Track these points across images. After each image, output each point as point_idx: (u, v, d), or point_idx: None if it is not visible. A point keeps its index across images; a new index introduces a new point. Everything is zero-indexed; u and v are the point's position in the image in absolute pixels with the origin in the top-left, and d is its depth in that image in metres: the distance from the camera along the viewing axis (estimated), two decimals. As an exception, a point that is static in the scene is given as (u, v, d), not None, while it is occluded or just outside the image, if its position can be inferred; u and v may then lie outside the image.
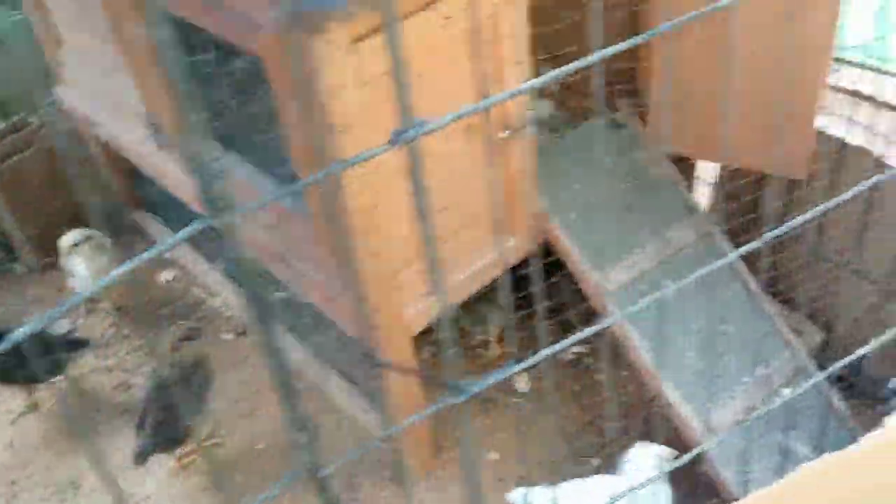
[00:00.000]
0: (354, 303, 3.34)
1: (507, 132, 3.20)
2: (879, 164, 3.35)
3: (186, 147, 1.27)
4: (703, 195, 4.22)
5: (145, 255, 1.26)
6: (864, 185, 2.12)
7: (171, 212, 5.01)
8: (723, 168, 4.00)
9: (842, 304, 3.82)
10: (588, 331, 1.88)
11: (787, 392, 3.55)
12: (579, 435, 3.99)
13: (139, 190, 5.38)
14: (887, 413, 2.71)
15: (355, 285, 3.22)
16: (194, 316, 4.85)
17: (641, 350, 3.41)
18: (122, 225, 5.31)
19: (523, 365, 1.87)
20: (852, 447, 2.59)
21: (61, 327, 4.88)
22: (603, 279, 3.50)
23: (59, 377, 4.47)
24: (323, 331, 3.97)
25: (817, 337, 3.88)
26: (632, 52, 3.87)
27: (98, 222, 4.81)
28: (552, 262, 3.62)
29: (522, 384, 4.22)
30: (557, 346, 1.95)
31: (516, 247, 3.61)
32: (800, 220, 1.89)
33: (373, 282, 3.14)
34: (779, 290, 3.99)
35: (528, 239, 3.63)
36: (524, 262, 3.61)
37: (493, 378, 1.87)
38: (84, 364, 4.68)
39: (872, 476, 2.75)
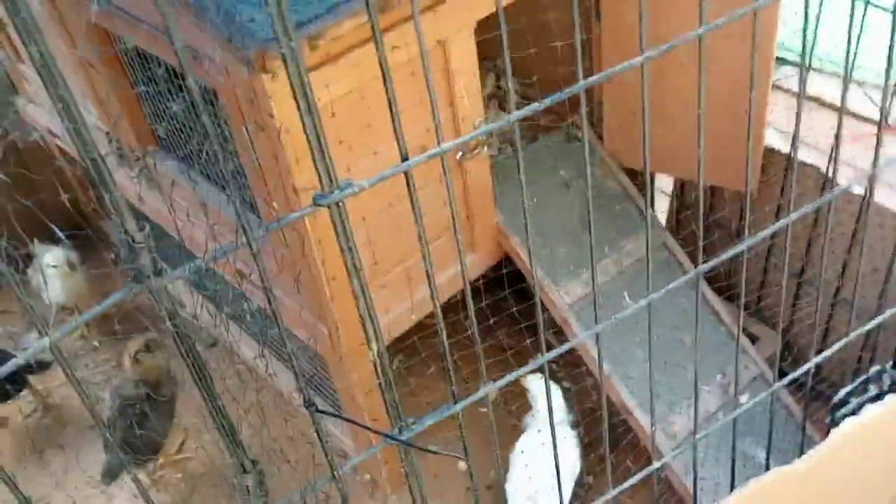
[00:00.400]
0: (316, 322, 3.38)
1: (461, 154, 3.23)
2: (822, 178, 3.42)
3: (116, 228, 1.30)
4: (661, 206, 4.27)
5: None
6: (809, 207, 2.18)
7: (137, 220, 5.00)
8: (677, 179, 4.06)
9: (797, 310, 3.89)
10: (545, 357, 1.92)
11: (744, 398, 3.63)
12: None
13: (103, 198, 5.37)
14: (836, 423, 2.79)
15: (317, 305, 3.26)
16: (161, 328, 4.86)
17: (596, 359, 3.47)
18: (89, 234, 5.30)
19: (457, 407, 1.92)
20: (798, 461, 2.66)
21: (28, 342, 4.89)
22: (561, 293, 3.56)
23: (23, 392, 4.48)
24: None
25: (775, 342, 3.95)
26: (587, 66, 3.91)
27: (65, 235, 4.82)
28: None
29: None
30: (503, 381, 2.00)
31: (475, 262, 3.66)
32: (759, 236, 1.96)
33: (335, 301, 3.18)
34: (731, 297, 4.06)
35: (488, 254, 3.68)
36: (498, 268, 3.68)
37: (428, 420, 1.92)
38: (52, 377, 4.69)
39: (818, 487, 2.82)
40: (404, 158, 1.44)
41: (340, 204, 1.36)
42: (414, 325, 3.61)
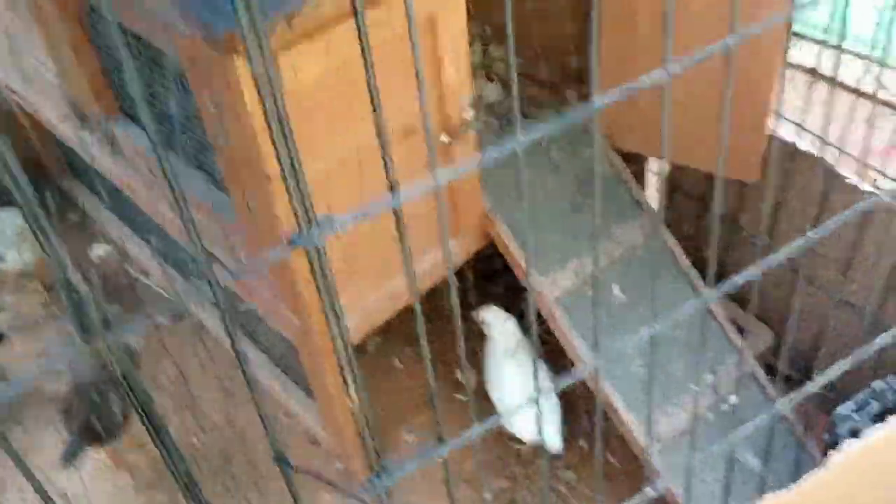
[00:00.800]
0: (292, 317, 3.19)
1: (448, 139, 3.01)
2: (830, 173, 3.23)
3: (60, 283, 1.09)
4: (654, 191, 4.07)
5: None
6: (842, 217, 1.88)
7: (99, 178, 4.76)
8: (672, 164, 3.86)
9: (792, 305, 3.73)
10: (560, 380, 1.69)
11: (734, 399, 3.49)
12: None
13: (66, 157, 5.11)
14: (835, 442, 2.64)
15: (290, 304, 3.06)
16: (126, 298, 4.64)
17: (583, 356, 3.31)
18: (53, 194, 5.04)
19: (443, 451, 1.74)
20: (794, 487, 2.51)
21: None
22: (549, 284, 3.37)
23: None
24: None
25: (767, 338, 3.81)
26: (581, 38, 3.68)
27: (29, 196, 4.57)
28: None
29: (471, 380, 4.11)
30: (489, 424, 1.83)
31: (460, 247, 3.46)
32: (782, 253, 1.68)
33: (307, 306, 2.98)
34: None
35: (473, 240, 3.48)
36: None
37: (410, 466, 1.73)
38: (11, 346, 4.48)
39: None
40: (391, 188, 1.23)
41: (320, 249, 1.15)
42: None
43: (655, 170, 3.95)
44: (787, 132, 3.36)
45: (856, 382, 2.99)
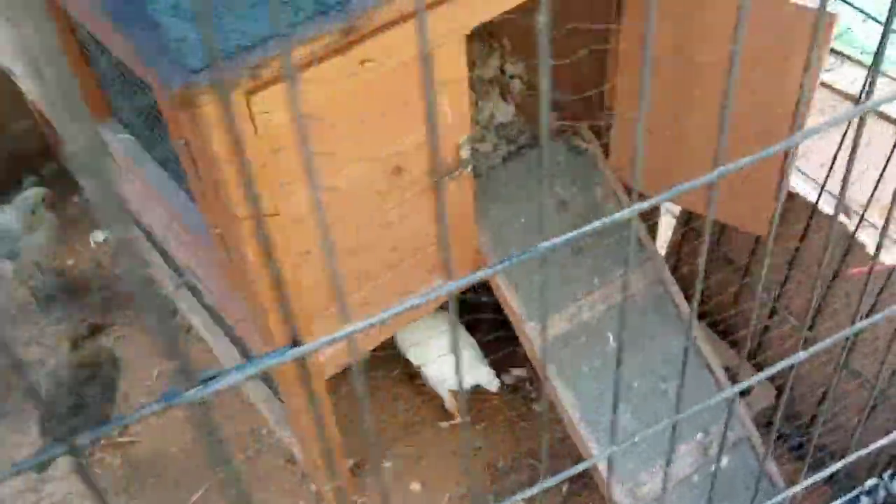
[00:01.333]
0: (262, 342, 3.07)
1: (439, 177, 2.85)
2: (846, 235, 3.04)
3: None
4: (664, 234, 3.89)
5: None
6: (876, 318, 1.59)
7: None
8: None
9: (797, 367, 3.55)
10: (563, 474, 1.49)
11: (725, 462, 3.33)
12: (508, 471, 3.78)
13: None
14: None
15: (264, 330, 2.95)
16: (122, 286, 4.55)
17: (568, 406, 3.17)
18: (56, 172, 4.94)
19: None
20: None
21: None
22: (538, 330, 3.22)
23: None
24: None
25: (769, 395, 3.64)
26: (601, 66, 3.48)
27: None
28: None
29: (454, 405, 3.98)
30: None
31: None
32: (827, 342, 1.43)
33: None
34: (735, 340, 3.73)
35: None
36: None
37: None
38: None
39: None
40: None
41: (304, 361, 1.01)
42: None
43: (668, 209, 3.76)
44: (805, 188, 3.17)
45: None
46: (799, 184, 3.20)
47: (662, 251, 3.97)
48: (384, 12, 2.17)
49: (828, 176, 3.02)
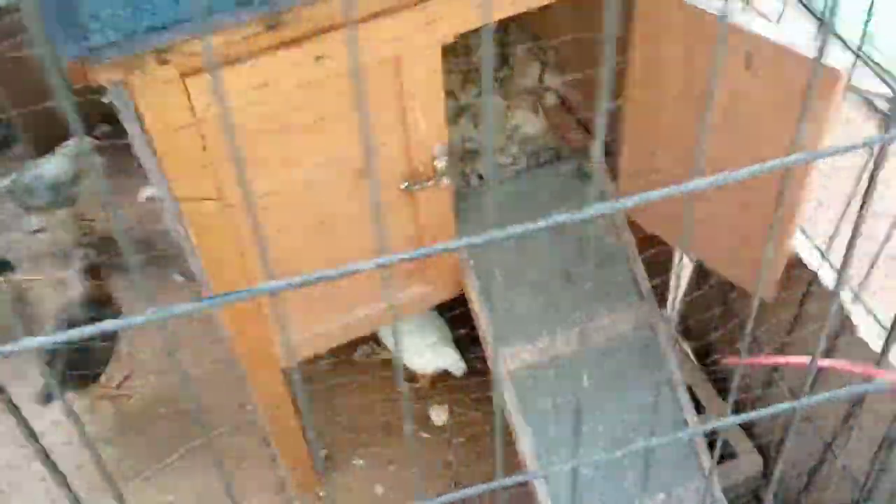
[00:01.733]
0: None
1: (407, 184, 2.78)
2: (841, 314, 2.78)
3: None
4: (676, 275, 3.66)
5: None
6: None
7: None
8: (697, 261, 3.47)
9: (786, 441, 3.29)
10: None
11: (686, 528, 3.13)
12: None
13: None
14: None
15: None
16: (158, 245, 4.68)
17: (527, 448, 3.04)
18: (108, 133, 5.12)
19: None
20: None
21: (30, 224, 4.83)
22: (509, 356, 3.11)
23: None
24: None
25: (757, 464, 3.39)
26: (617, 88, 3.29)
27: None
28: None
29: (439, 416, 3.91)
30: None
31: (427, 295, 3.24)
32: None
33: (234, 313, 2.87)
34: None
35: (443, 289, 3.25)
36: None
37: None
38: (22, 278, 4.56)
39: None
40: None
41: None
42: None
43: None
44: (810, 257, 2.92)
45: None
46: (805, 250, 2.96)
47: (677, 302, 3.76)
48: (318, 10, 2.11)
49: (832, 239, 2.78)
